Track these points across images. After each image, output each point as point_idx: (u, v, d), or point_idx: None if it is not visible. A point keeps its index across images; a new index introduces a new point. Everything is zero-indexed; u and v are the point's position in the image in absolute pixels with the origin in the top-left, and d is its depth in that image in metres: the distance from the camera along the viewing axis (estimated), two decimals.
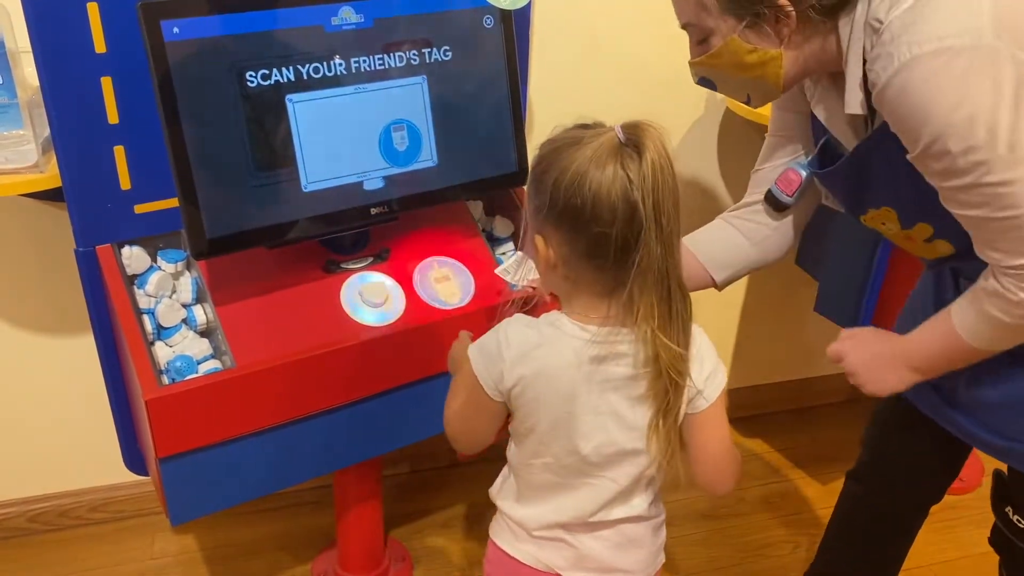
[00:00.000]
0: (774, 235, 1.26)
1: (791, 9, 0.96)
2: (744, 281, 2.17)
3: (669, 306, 0.93)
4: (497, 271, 1.35)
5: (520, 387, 0.98)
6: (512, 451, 1.08)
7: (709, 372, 1.00)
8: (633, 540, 1.07)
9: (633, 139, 0.89)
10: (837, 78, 1.05)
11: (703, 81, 1.10)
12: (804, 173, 1.19)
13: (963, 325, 1.02)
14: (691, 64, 1.08)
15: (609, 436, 0.99)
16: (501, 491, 1.11)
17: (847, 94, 0.99)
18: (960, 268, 1.13)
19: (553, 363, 0.97)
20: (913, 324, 1.26)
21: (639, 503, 1.05)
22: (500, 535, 1.11)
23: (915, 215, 1.07)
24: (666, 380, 0.95)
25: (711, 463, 1.03)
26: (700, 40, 1.04)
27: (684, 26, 1.05)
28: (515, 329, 0.99)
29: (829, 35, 0.99)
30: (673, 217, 0.90)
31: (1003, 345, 1.02)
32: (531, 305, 1.22)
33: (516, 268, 1.34)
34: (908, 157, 0.94)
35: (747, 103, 1.11)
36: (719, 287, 1.29)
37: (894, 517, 1.43)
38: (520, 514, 1.07)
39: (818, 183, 1.17)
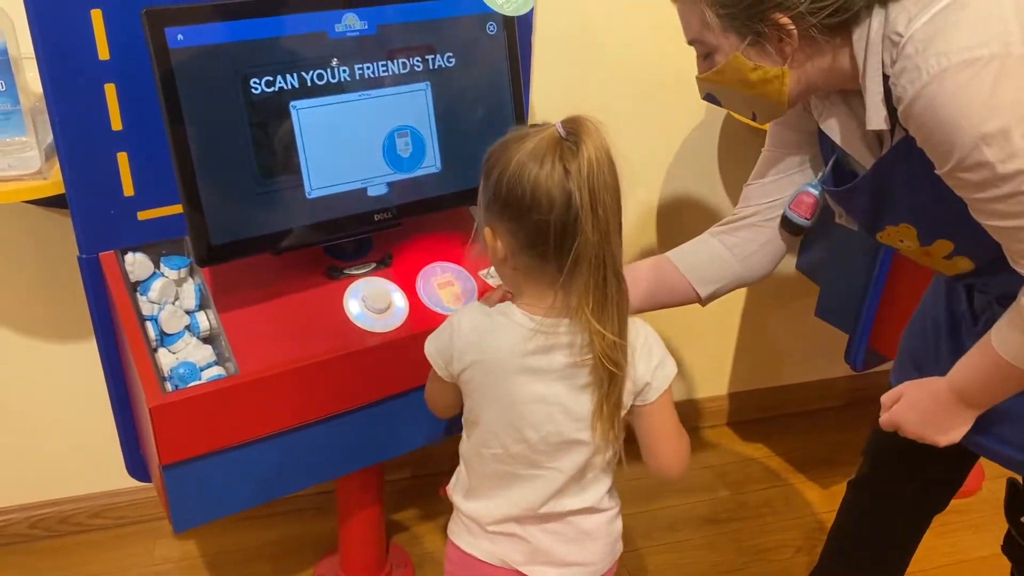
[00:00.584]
0: (761, 251, 1.25)
1: (792, 28, 0.95)
2: None
3: (604, 293, 0.97)
4: (481, 274, 1.37)
5: (469, 372, 1.03)
6: (464, 443, 1.11)
7: (657, 363, 1.04)
8: (588, 532, 1.10)
9: (573, 133, 0.94)
10: (848, 94, 1.04)
11: (709, 97, 1.11)
12: (817, 193, 1.18)
13: (1008, 350, 0.99)
14: (697, 80, 1.08)
15: (556, 426, 1.02)
16: (456, 487, 1.14)
17: (869, 110, 0.98)
18: (975, 283, 1.12)
19: (502, 350, 1.01)
20: (922, 336, 1.26)
21: (592, 495, 1.08)
22: (457, 533, 1.13)
23: (935, 232, 1.06)
24: (599, 365, 0.99)
25: (664, 449, 1.08)
26: (705, 56, 1.04)
27: (690, 42, 1.05)
28: (468, 316, 1.04)
29: (839, 52, 0.98)
30: (611, 208, 0.95)
31: None
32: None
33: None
34: (938, 172, 0.92)
35: (753, 119, 1.11)
36: (703, 302, 1.29)
37: (897, 526, 1.43)
38: (472, 508, 1.10)
39: (832, 202, 1.16)
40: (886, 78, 0.94)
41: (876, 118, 0.97)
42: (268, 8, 1.16)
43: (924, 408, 1.11)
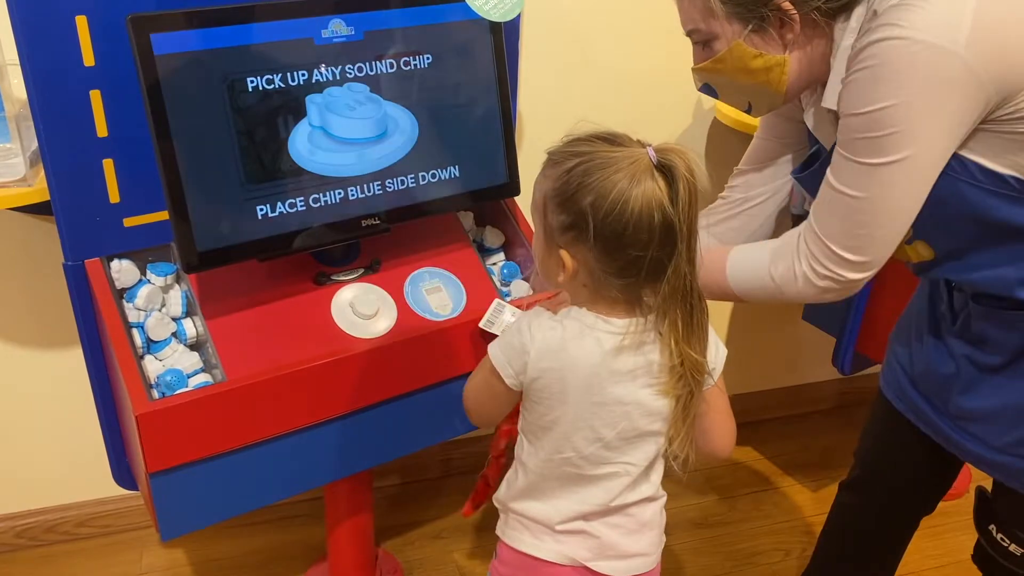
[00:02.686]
0: (751, 240, 1.27)
1: (795, 12, 0.96)
2: None
3: (691, 318, 0.97)
4: (481, 325, 1.34)
5: (544, 380, 1.01)
6: (527, 450, 1.09)
7: (714, 348, 1.05)
8: (646, 523, 1.10)
9: (665, 162, 0.91)
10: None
11: (705, 88, 1.10)
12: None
13: (734, 269, 1.09)
14: (694, 70, 1.08)
15: (631, 422, 1.02)
16: (512, 492, 1.11)
17: (828, 88, 0.99)
18: (953, 279, 1.13)
19: (578, 356, 0.99)
20: (907, 338, 1.27)
21: (655, 480, 1.09)
22: (515, 537, 1.11)
23: None
24: (690, 383, 1.00)
25: (720, 431, 1.10)
26: (704, 45, 1.04)
27: (689, 33, 1.05)
28: (538, 323, 1.02)
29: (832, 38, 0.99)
30: (697, 235, 0.94)
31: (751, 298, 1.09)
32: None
33: (497, 317, 1.34)
34: (839, 113, 0.97)
35: (747, 111, 1.11)
36: None
37: (886, 528, 1.43)
38: (540, 511, 1.08)
39: (799, 188, 1.17)
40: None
41: (831, 97, 0.99)
42: (254, 14, 1.16)
43: None
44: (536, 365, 1.00)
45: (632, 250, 0.92)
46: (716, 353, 1.05)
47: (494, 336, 1.10)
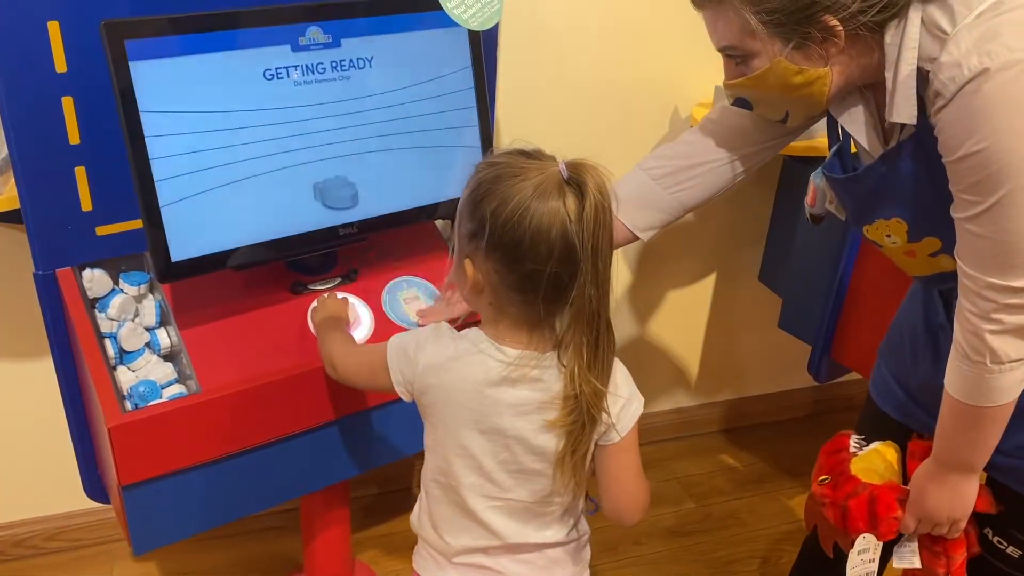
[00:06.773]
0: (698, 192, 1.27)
1: (840, 28, 0.94)
2: (709, 296, 2.19)
3: (596, 346, 0.95)
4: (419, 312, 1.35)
5: (429, 397, 1.01)
6: (425, 466, 1.08)
7: (623, 404, 1.01)
8: (556, 561, 1.08)
9: (576, 178, 0.90)
10: (863, 86, 1.05)
11: (740, 101, 1.09)
12: (818, 182, 1.18)
13: (956, 388, 1.00)
14: (728, 86, 1.05)
15: (514, 456, 1.00)
16: (420, 519, 1.11)
17: (897, 102, 0.96)
18: (953, 290, 1.14)
19: (464, 379, 0.98)
20: (899, 350, 1.26)
21: (555, 532, 1.06)
22: (421, 564, 1.11)
23: (927, 228, 1.06)
24: (584, 416, 0.96)
25: (622, 493, 1.04)
26: (739, 62, 1.02)
27: (723, 49, 1.03)
28: (435, 337, 1.01)
29: (876, 48, 0.97)
30: (608, 259, 0.92)
31: (1007, 394, 0.98)
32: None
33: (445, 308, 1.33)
34: (945, 160, 0.93)
35: (783, 121, 1.10)
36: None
37: None
38: (438, 542, 1.08)
39: (828, 188, 1.16)
40: (921, 71, 0.93)
41: (906, 111, 0.96)
42: (230, 21, 1.15)
43: (928, 501, 1.11)
44: (423, 380, 1.00)
45: (530, 263, 0.90)
46: (625, 407, 1.00)
47: None
